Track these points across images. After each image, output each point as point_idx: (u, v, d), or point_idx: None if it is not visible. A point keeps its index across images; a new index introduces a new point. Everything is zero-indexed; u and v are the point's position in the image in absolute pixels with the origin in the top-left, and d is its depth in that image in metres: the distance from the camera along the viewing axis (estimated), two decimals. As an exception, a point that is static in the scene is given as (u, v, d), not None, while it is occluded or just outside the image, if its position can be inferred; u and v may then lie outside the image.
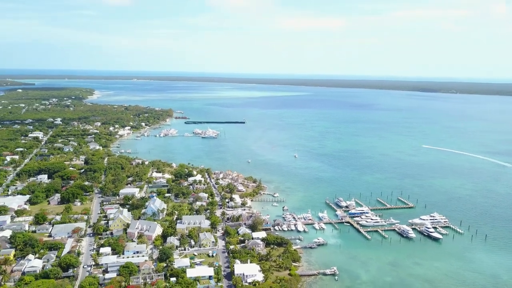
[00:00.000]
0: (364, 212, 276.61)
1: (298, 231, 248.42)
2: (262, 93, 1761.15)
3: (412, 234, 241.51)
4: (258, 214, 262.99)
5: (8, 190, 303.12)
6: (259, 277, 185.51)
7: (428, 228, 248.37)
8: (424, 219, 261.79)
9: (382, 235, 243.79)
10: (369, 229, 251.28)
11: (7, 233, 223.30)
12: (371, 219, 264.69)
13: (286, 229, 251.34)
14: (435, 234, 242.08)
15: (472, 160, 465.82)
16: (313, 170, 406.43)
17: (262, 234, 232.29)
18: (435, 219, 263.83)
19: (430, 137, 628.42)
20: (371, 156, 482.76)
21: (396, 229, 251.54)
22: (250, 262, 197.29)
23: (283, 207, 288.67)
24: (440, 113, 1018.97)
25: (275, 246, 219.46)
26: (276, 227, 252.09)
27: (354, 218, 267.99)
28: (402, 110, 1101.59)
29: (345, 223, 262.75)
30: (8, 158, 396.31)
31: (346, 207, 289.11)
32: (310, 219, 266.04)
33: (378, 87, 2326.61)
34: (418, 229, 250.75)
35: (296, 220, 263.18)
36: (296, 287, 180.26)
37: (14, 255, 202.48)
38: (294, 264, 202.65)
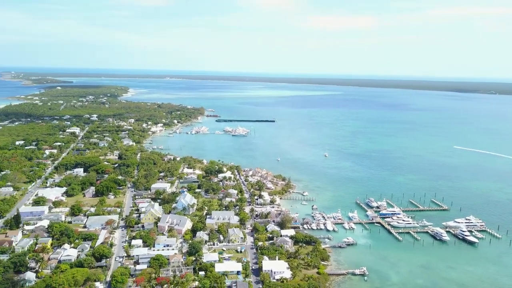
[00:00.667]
0: (395, 213, 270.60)
1: (328, 230, 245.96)
2: (293, 92, 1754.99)
3: (446, 237, 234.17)
4: (287, 212, 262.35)
5: (46, 182, 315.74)
6: (287, 274, 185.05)
7: (463, 231, 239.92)
8: (459, 222, 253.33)
9: (414, 237, 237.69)
10: (400, 231, 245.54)
11: (45, 223, 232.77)
12: (403, 220, 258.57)
13: (315, 228, 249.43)
14: (471, 238, 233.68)
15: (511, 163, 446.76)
16: (344, 169, 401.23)
17: (291, 232, 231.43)
18: (471, 223, 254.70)
19: (463, 138, 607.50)
20: (403, 156, 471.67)
21: (429, 231, 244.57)
22: (278, 259, 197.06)
23: (312, 206, 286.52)
24: (476, 114, 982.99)
25: (304, 244, 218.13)
26: (305, 226, 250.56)
27: (385, 219, 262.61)
28: (437, 110, 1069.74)
29: (375, 224, 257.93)
30: (47, 152, 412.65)
31: (377, 207, 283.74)
32: (339, 219, 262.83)
33: (413, 87, 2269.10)
34: (453, 232, 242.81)
35: (325, 219, 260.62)
36: (325, 286, 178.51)
37: (51, 244, 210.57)
38: (322, 263, 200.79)
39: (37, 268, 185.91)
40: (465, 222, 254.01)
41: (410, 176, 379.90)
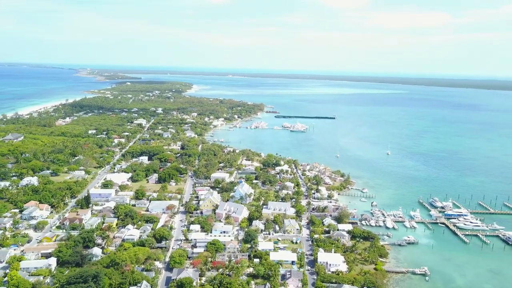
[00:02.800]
0: (462, 215, 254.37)
1: (387, 228, 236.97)
2: (354, 90, 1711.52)
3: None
4: (345, 207, 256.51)
5: (114, 168, 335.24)
6: (343, 267, 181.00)
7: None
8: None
9: (482, 240, 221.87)
10: (467, 233, 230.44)
11: (112, 204, 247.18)
12: (471, 222, 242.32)
13: (374, 224, 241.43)
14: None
15: None
16: (407, 168, 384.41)
17: (348, 227, 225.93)
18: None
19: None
20: (473, 158, 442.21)
21: (500, 235, 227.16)
22: (334, 252, 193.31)
23: (371, 203, 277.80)
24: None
25: (361, 240, 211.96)
26: (363, 222, 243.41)
27: (450, 220, 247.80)
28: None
29: (439, 224, 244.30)
30: (116, 141, 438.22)
31: (442, 207, 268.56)
32: (400, 217, 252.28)
33: (487, 87, 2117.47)
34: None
35: (385, 217, 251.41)
36: (382, 282, 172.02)
37: (116, 224, 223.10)
38: (380, 259, 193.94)
39: (103, 245, 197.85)
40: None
41: (480, 178, 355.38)
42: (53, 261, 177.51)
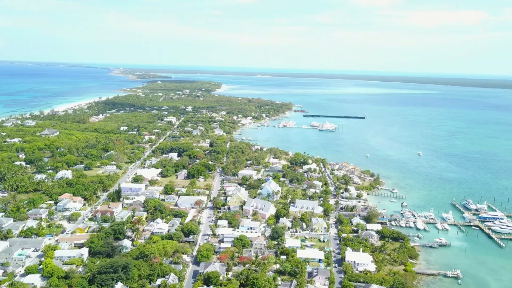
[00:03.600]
0: (498, 218, 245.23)
1: (418, 229, 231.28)
2: (385, 90, 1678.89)
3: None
4: (374, 207, 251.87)
5: (144, 164, 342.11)
6: (371, 267, 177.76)
7: None
8: None
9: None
10: (503, 237, 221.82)
11: (142, 198, 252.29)
12: (507, 225, 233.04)
13: (404, 225, 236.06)
14: None
15: None
16: (439, 169, 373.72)
17: (377, 227, 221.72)
18: None
19: None
20: (510, 160, 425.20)
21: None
22: (363, 252, 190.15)
23: (402, 203, 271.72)
24: None
25: (391, 240, 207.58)
26: (393, 222, 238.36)
27: (485, 223, 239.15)
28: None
29: (473, 227, 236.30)
30: (146, 137, 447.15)
31: (476, 210, 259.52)
32: (432, 218, 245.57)
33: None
34: None
35: (415, 218, 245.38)
36: (412, 284, 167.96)
37: (146, 217, 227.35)
38: (410, 260, 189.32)
39: (132, 237, 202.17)
40: None
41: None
42: (85, 251, 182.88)
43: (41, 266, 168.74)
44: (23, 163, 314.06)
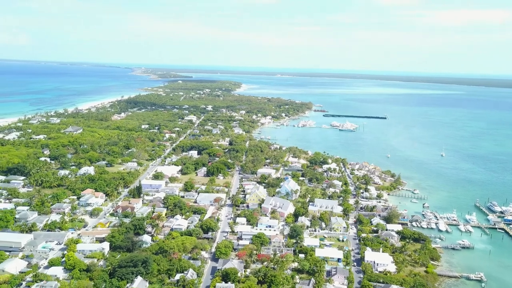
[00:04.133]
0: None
1: (440, 230, 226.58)
2: (407, 91, 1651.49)
3: None
4: (395, 208, 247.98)
5: (165, 161, 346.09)
6: (391, 268, 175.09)
7: None
8: None
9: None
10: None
11: (162, 195, 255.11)
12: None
13: (425, 226, 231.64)
14: None
15: None
16: (463, 171, 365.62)
17: (398, 227, 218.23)
18: None
19: None
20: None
21: None
22: (382, 252, 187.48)
23: (423, 204, 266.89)
24: None
25: (412, 241, 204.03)
26: (414, 223, 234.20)
27: (511, 226, 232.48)
28: None
29: (498, 230, 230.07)
30: (167, 135, 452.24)
31: (501, 212, 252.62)
32: (454, 220, 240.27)
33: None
34: None
35: (437, 219, 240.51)
36: (433, 286, 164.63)
37: (166, 214, 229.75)
38: (432, 262, 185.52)
39: (152, 233, 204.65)
40: None
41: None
42: (106, 245, 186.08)
43: (63, 259, 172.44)
44: (48, 159, 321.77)
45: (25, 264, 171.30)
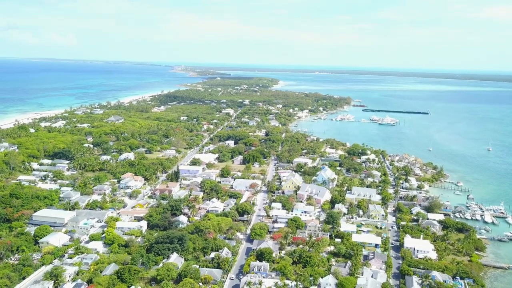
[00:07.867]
0: None
1: (485, 222, 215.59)
2: (452, 87, 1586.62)
3: None
4: (436, 198, 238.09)
5: (203, 149, 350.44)
6: (432, 255, 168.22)
7: None
8: None
9: None
10: None
11: (199, 180, 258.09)
12: None
13: (469, 217, 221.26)
14: None
15: None
16: (511, 165, 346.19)
17: (440, 217, 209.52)
18: None
19: None
20: None
21: None
22: (423, 239, 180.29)
23: (468, 196, 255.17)
24: None
25: (454, 231, 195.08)
26: (457, 214, 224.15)
27: None
28: None
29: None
30: (205, 127, 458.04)
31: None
32: (501, 212, 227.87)
33: None
34: None
35: (483, 211, 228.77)
36: (478, 274, 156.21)
37: (202, 197, 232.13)
38: (476, 252, 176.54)
39: (189, 214, 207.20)
40: None
41: None
42: (144, 224, 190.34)
43: (103, 235, 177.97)
44: (91, 145, 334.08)
45: (67, 238, 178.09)
